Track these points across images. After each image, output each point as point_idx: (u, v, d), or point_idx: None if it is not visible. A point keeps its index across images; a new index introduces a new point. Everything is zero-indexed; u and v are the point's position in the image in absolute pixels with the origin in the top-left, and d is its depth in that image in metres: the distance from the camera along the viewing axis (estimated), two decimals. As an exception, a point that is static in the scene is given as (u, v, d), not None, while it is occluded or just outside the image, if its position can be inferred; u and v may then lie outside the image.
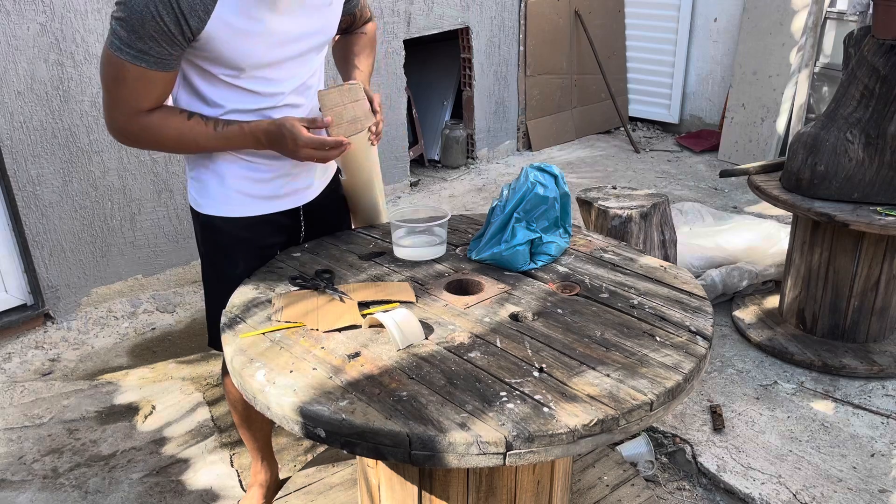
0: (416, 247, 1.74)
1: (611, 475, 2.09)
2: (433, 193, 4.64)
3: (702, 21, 5.27)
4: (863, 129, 2.52)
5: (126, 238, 3.27)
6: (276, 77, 1.58)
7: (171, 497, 2.24)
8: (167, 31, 1.38)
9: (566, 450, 1.16)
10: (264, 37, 1.49)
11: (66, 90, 2.96)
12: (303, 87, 1.66)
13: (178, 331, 3.16)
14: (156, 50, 1.40)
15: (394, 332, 1.36)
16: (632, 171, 4.89)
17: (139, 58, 1.40)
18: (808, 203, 2.57)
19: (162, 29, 1.37)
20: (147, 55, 1.40)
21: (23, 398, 2.70)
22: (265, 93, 1.58)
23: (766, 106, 4.75)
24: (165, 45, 1.40)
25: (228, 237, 1.72)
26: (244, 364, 1.34)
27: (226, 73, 1.52)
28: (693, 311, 1.49)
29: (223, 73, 1.52)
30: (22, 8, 2.79)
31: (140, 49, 1.39)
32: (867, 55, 2.49)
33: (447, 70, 5.08)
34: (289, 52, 1.57)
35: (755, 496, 2.14)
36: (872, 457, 2.29)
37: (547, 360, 1.32)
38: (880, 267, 2.64)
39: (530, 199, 1.66)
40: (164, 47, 1.40)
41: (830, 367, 2.67)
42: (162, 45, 1.40)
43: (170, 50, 1.41)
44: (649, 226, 2.60)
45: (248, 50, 1.48)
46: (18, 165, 2.90)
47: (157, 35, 1.38)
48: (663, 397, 1.23)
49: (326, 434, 1.19)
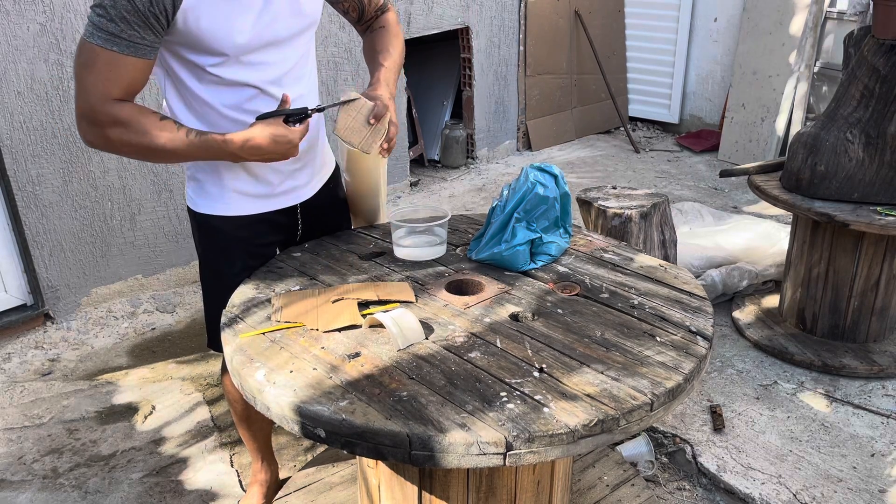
0: (416, 247, 1.74)
1: (611, 475, 2.09)
2: (433, 193, 4.64)
3: (702, 21, 5.27)
4: (863, 128, 2.51)
5: (126, 238, 3.27)
6: (264, 62, 1.55)
7: (171, 497, 2.24)
8: (140, 11, 1.35)
9: (566, 450, 1.16)
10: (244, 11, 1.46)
11: (66, 90, 2.96)
12: (293, 76, 1.62)
13: (177, 331, 3.16)
14: (128, 33, 1.37)
15: (394, 332, 1.36)
16: (632, 171, 4.89)
17: (110, 41, 1.37)
18: (808, 203, 2.56)
19: (135, 8, 1.35)
20: (118, 38, 1.37)
21: (23, 398, 2.70)
22: (254, 83, 1.55)
23: (766, 106, 4.75)
24: (138, 28, 1.37)
25: (225, 236, 1.72)
26: (244, 363, 1.34)
27: (211, 61, 1.49)
28: (693, 312, 1.49)
29: (209, 63, 1.49)
30: (22, 8, 2.79)
31: (111, 32, 1.37)
32: (867, 55, 2.49)
33: (447, 70, 5.08)
34: (273, 34, 1.53)
35: (755, 496, 2.14)
36: (872, 457, 2.29)
37: (547, 361, 1.32)
38: (880, 267, 2.64)
39: (530, 199, 1.66)
40: (136, 30, 1.37)
41: (830, 367, 2.67)
42: (134, 28, 1.37)
43: (142, 34, 1.38)
44: (649, 226, 2.60)
45: (230, 27, 1.45)
46: (18, 165, 2.90)
47: (129, 15, 1.35)
48: (663, 397, 1.23)
49: (326, 434, 1.19)
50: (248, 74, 1.54)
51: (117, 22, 1.36)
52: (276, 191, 1.71)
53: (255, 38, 1.51)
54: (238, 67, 1.52)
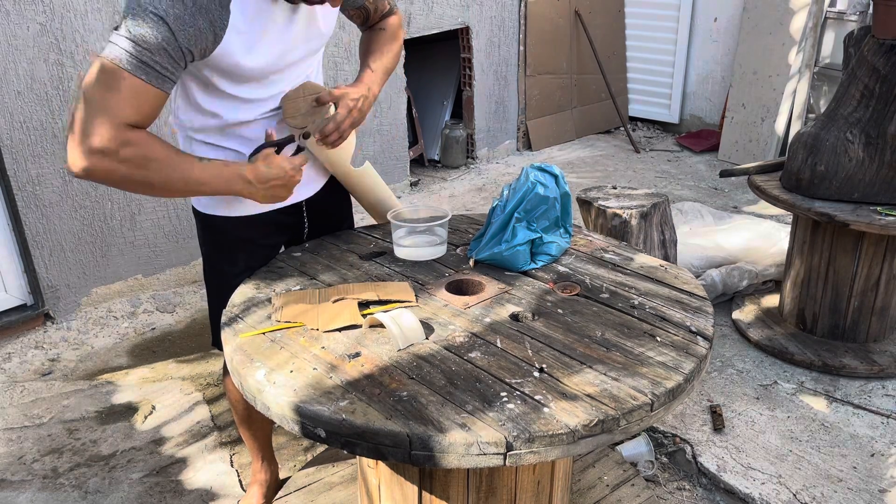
0: (416, 247, 1.74)
1: (611, 475, 2.09)
2: (433, 193, 4.64)
3: (702, 21, 5.27)
4: (863, 128, 2.51)
5: (126, 238, 3.27)
6: (277, 82, 1.58)
7: (171, 497, 2.24)
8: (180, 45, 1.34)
9: (566, 450, 1.16)
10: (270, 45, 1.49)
11: (66, 90, 2.96)
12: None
13: (177, 331, 3.16)
14: (161, 65, 1.34)
15: (394, 331, 1.36)
16: (632, 171, 4.89)
17: (141, 69, 1.33)
18: (808, 203, 2.56)
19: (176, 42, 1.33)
20: (150, 68, 1.34)
21: (23, 398, 2.70)
22: (262, 98, 1.57)
23: (766, 106, 4.75)
24: (171, 61, 1.35)
25: (229, 236, 1.72)
26: (244, 363, 1.34)
27: (228, 84, 1.50)
28: (693, 312, 1.49)
29: (225, 84, 1.50)
30: (22, 8, 2.79)
31: (144, 61, 1.33)
32: (867, 55, 2.48)
33: (447, 70, 5.08)
34: (291, 59, 1.57)
35: (755, 496, 2.14)
36: (872, 457, 2.29)
37: (547, 361, 1.32)
38: (880, 267, 2.64)
39: (531, 198, 1.66)
40: (168, 63, 1.35)
41: (830, 367, 2.67)
42: (168, 61, 1.35)
43: (172, 67, 1.36)
44: (649, 226, 2.60)
45: (248, 55, 1.47)
46: (18, 165, 2.90)
47: (169, 47, 1.33)
48: (664, 397, 1.23)
49: (326, 434, 1.19)
50: (258, 92, 1.56)
51: (154, 53, 1.32)
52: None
53: (271, 64, 1.52)
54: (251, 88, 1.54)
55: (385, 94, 4.30)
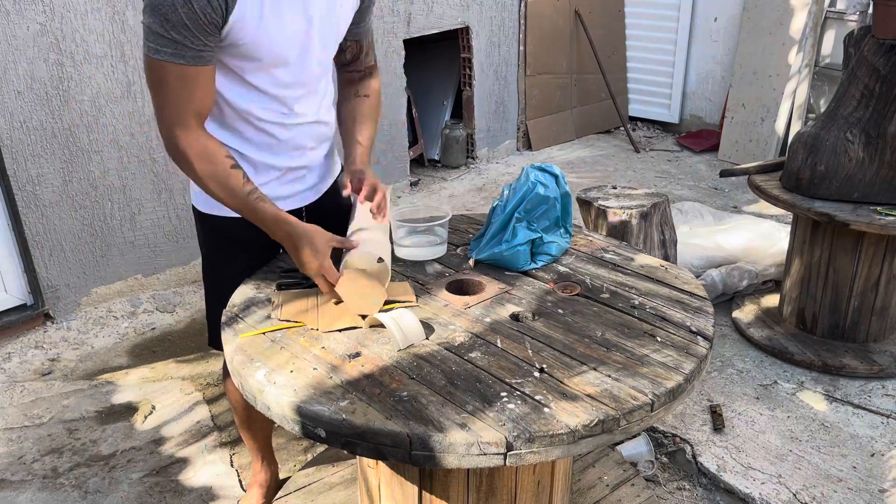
0: (416, 246, 1.74)
1: (611, 475, 2.09)
2: (433, 193, 4.63)
3: (702, 21, 5.26)
4: (863, 128, 2.51)
5: (126, 238, 3.27)
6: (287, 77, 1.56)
7: (171, 497, 2.24)
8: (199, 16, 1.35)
9: (567, 450, 1.16)
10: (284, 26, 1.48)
11: (65, 90, 2.96)
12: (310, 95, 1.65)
13: (177, 331, 3.16)
14: (190, 40, 1.37)
15: (395, 332, 1.36)
16: (632, 171, 4.89)
17: (176, 54, 1.37)
18: (808, 203, 2.56)
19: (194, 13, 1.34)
20: (184, 47, 1.37)
21: (23, 398, 2.70)
22: (275, 94, 1.56)
23: (766, 106, 4.75)
24: (199, 34, 1.37)
25: (230, 237, 1.72)
26: (244, 363, 1.34)
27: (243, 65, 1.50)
28: (694, 312, 1.49)
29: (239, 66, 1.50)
30: (22, 8, 2.79)
31: (175, 41, 1.36)
32: (867, 55, 2.48)
33: (447, 70, 5.08)
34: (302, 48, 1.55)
35: (755, 496, 2.14)
36: (872, 457, 2.29)
37: (547, 361, 1.32)
38: (880, 267, 2.64)
39: (531, 198, 1.66)
40: (198, 36, 1.37)
41: (830, 367, 2.67)
42: (196, 34, 1.36)
43: (203, 39, 1.38)
44: (649, 225, 2.60)
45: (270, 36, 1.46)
46: (18, 165, 2.90)
47: (190, 22, 1.35)
48: (664, 397, 1.23)
49: (327, 434, 1.19)
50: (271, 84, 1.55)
51: (179, 29, 1.35)
52: (283, 193, 1.71)
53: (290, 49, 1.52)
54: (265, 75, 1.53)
55: (385, 94, 4.30)
